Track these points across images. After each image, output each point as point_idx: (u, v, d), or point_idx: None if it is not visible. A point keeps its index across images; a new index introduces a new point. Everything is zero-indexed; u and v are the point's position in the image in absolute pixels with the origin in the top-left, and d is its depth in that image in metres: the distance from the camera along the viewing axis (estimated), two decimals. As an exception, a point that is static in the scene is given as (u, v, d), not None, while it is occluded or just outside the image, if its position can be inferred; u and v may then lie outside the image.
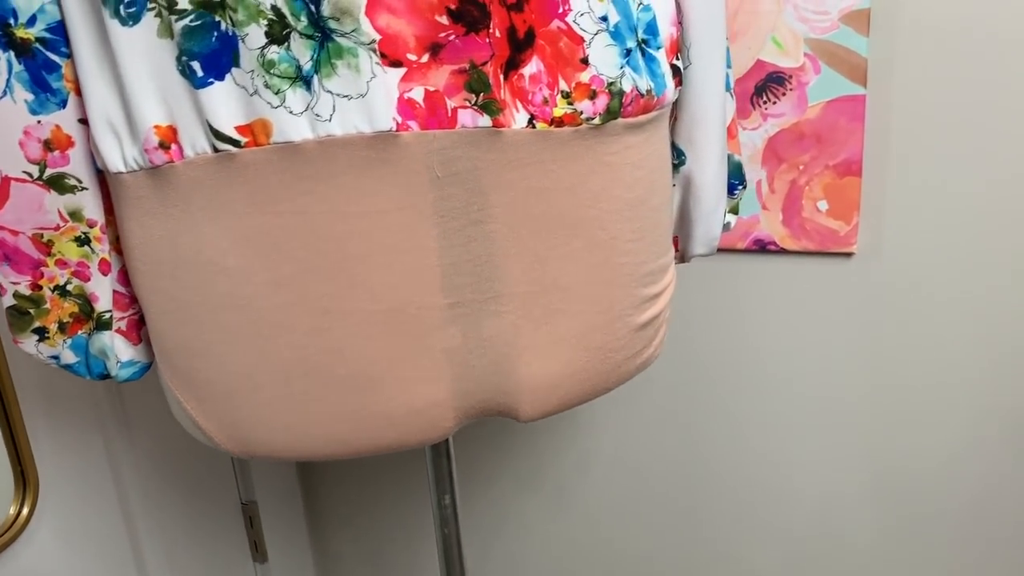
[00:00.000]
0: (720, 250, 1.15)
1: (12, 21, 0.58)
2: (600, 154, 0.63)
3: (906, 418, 1.14)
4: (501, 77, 0.59)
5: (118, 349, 0.69)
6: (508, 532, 1.39)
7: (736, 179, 0.82)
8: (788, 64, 1.06)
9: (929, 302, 1.08)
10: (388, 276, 0.60)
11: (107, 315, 0.67)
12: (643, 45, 0.66)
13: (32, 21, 0.59)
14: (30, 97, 0.60)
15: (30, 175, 0.61)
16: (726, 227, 0.82)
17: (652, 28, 0.67)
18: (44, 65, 0.60)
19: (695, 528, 1.28)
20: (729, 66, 0.78)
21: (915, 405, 1.13)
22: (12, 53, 0.58)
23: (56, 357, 0.68)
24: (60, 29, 0.59)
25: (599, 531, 1.34)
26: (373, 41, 0.56)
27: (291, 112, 0.56)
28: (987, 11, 0.96)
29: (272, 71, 0.55)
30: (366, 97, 0.56)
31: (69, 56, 0.59)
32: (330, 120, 0.56)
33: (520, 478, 1.34)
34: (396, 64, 0.57)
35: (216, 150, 0.57)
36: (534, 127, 0.61)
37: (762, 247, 1.13)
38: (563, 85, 0.61)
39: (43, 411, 1.00)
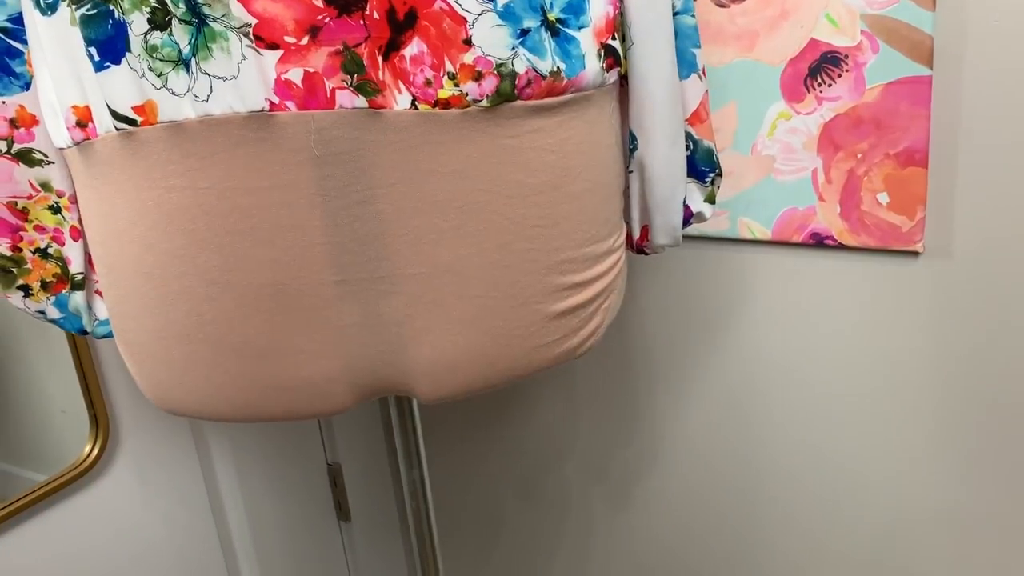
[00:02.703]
0: (776, 243, 1.08)
1: (-24, 13, 0.66)
2: (495, 137, 0.62)
3: (981, 435, 1.02)
4: (380, 58, 0.60)
5: (97, 308, 0.77)
6: (571, 526, 1.38)
7: (707, 166, 0.77)
8: (843, 43, 0.97)
9: (1005, 308, 0.96)
10: (271, 251, 0.63)
11: (79, 277, 0.75)
12: (558, 24, 0.64)
13: (-6, 13, 0.67)
14: (-6, 81, 0.68)
15: (0, 150, 0.70)
16: (699, 217, 0.77)
17: (574, 7, 0.64)
18: (6, 52, 0.68)
19: (752, 547, 1.21)
20: (697, 46, 0.73)
21: (991, 421, 1.00)
22: (-24, 42, 0.67)
23: (43, 312, 0.76)
24: (22, 19, 0.67)
25: (660, 536, 1.30)
26: (245, 25, 0.58)
27: (173, 93, 0.60)
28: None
29: (155, 55, 0.59)
30: (238, 79, 0.59)
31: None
32: (207, 101, 0.60)
33: (587, 467, 1.33)
34: (273, 47, 0.59)
35: (117, 129, 0.62)
36: (417, 108, 0.61)
37: (819, 241, 1.05)
38: (449, 66, 0.61)
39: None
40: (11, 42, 0.67)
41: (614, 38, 0.68)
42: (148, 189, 0.63)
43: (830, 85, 0.99)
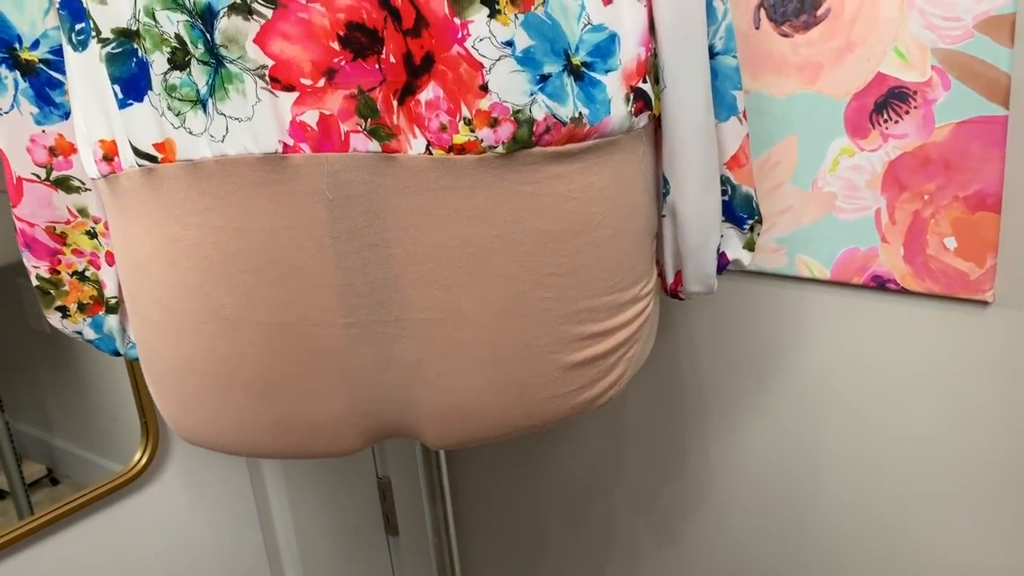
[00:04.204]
0: (834, 283, 1.03)
1: (17, 45, 0.68)
2: (512, 183, 0.61)
3: (1049, 506, 0.95)
4: (395, 103, 0.59)
5: (130, 331, 0.78)
6: (617, 555, 1.36)
7: (745, 212, 0.73)
8: (912, 78, 0.92)
9: (1080, 371, 0.89)
10: (282, 291, 0.62)
11: (113, 300, 0.76)
12: (583, 68, 0.62)
13: (35, 45, 0.68)
14: (35, 110, 0.70)
15: (38, 176, 0.72)
16: (737, 264, 0.74)
17: (603, 49, 0.62)
18: (47, 82, 0.69)
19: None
20: (738, 88, 0.70)
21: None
22: (18, 72, 0.68)
23: (79, 332, 0.78)
24: (62, 51, 0.69)
25: (707, 573, 1.26)
26: (261, 67, 0.58)
27: (191, 132, 0.60)
28: None
29: (174, 95, 0.60)
30: (252, 120, 0.59)
31: None
32: (223, 141, 0.60)
33: (634, 498, 1.30)
34: (289, 88, 0.59)
35: (139, 164, 0.63)
36: (431, 154, 0.60)
37: (881, 284, 0.99)
38: (465, 112, 0.59)
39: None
40: (52, 73, 0.69)
41: (645, 81, 0.65)
42: (167, 225, 0.63)
43: (897, 122, 0.93)
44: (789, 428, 1.12)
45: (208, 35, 0.58)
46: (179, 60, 0.59)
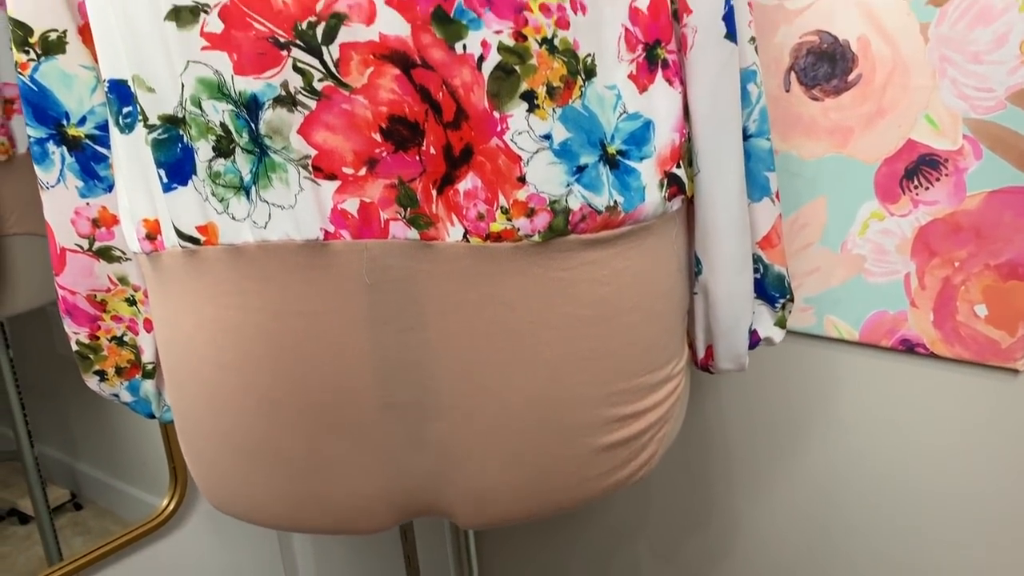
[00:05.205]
0: (863, 344, 1.03)
1: (65, 121, 0.70)
2: (547, 269, 0.61)
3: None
4: (434, 192, 0.60)
5: (166, 395, 0.80)
6: (639, 599, 1.35)
7: (777, 291, 0.74)
8: (944, 146, 0.92)
9: (1112, 443, 0.89)
10: (319, 373, 0.63)
11: (150, 366, 0.78)
12: (618, 156, 0.62)
13: (82, 121, 0.70)
14: (80, 184, 0.71)
15: (81, 247, 0.73)
16: (768, 341, 0.74)
17: (638, 137, 0.63)
18: (92, 157, 0.71)
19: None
20: (771, 169, 0.71)
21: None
22: (65, 148, 0.70)
23: (116, 395, 0.80)
24: (107, 126, 0.70)
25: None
26: (305, 157, 0.59)
27: (234, 218, 0.62)
28: None
29: (218, 181, 0.61)
30: (295, 208, 0.60)
31: None
32: (265, 227, 0.61)
33: (659, 548, 1.30)
34: (331, 177, 0.60)
35: (182, 246, 0.64)
36: (468, 241, 0.60)
37: (910, 348, 0.99)
38: (502, 201, 0.60)
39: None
40: (97, 148, 0.71)
41: (679, 166, 0.66)
42: (207, 305, 0.65)
43: (927, 188, 0.94)
44: (815, 486, 1.11)
45: (253, 125, 0.59)
46: (224, 148, 0.60)
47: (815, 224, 1.02)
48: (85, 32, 0.68)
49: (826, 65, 0.96)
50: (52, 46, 0.67)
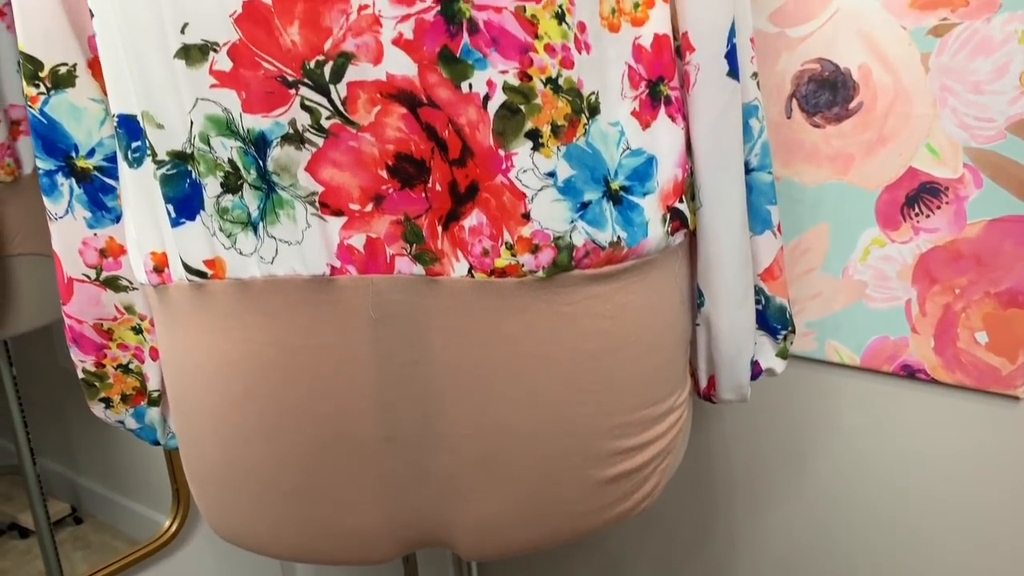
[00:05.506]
0: (864, 369, 1.03)
1: (74, 153, 0.70)
2: (551, 304, 0.62)
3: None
4: (439, 228, 0.60)
5: (171, 422, 0.80)
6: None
7: (779, 323, 0.74)
8: (944, 174, 0.92)
9: (1112, 471, 0.89)
10: (323, 405, 0.64)
11: (156, 394, 0.78)
12: (621, 192, 0.63)
13: (91, 153, 0.71)
14: (88, 214, 0.72)
15: (88, 277, 0.74)
16: (769, 372, 0.75)
17: (641, 173, 0.64)
18: (101, 188, 0.72)
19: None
20: (773, 202, 0.71)
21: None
22: (73, 179, 0.71)
23: (121, 422, 0.80)
24: (115, 158, 0.71)
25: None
26: (312, 194, 0.60)
27: (241, 253, 0.62)
28: None
29: (226, 217, 0.62)
30: (302, 244, 0.61)
31: None
32: (272, 262, 0.62)
33: (661, 568, 1.30)
34: (338, 213, 0.60)
35: (189, 279, 0.65)
36: (473, 276, 0.61)
37: (911, 374, 1.00)
38: (507, 237, 0.61)
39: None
40: (105, 179, 0.71)
41: (681, 200, 0.67)
42: (214, 337, 0.65)
43: (928, 216, 0.94)
44: (816, 509, 1.11)
45: (261, 162, 0.60)
46: (232, 184, 0.61)
47: (817, 249, 1.02)
48: (95, 65, 0.69)
49: (827, 93, 0.96)
50: (62, 79, 0.68)
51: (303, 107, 0.58)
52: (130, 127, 0.64)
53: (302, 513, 0.67)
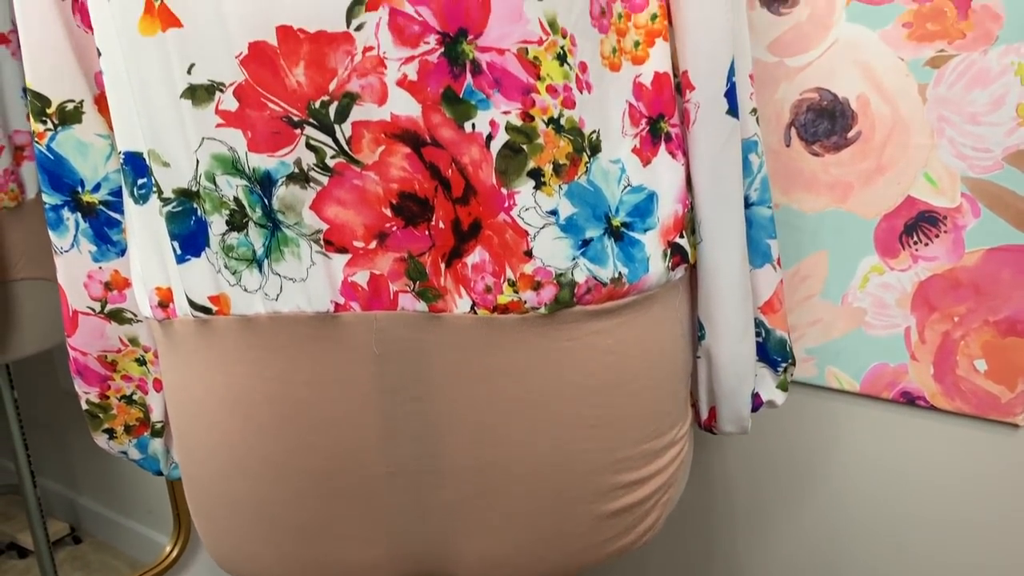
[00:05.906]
0: (864, 396, 1.04)
1: (80, 188, 0.71)
2: (553, 340, 0.63)
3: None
4: (443, 265, 0.61)
5: (174, 453, 0.80)
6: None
7: (779, 356, 0.75)
8: (942, 204, 0.93)
9: (1111, 499, 0.89)
10: (326, 441, 0.64)
11: (159, 425, 0.79)
12: (622, 228, 0.64)
13: (97, 188, 0.71)
14: (93, 248, 0.73)
15: (93, 309, 0.74)
16: (770, 404, 0.75)
17: (641, 209, 0.64)
18: (106, 222, 0.72)
19: None
20: (772, 237, 0.72)
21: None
22: (79, 214, 0.71)
23: (125, 452, 0.81)
24: (120, 191, 0.71)
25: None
26: (316, 232, 0.61)
27: (246, 290, 0.63)
28: None
29: (231, 254, 0.62)
30: (307, 282, 0.61)
31: None
32: (277, 299, 0.62)
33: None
34: (342, 250, 0.61)
35: (194, 315, 0.65)
36: (476, 313, 0.61)
37: (910, 400, 1.00)
38: (510, 274, 0.61)
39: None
40: (111, 213, 0.72)
41: (682, 235, 0.67)
42: (217, 372, 0.66)
43: (927, 244, 0.95)
44: (816, 536, 1.12)
45: (266, 200, 0.61)
46: (237, 222, 0.62)
47: (816, 277, 1.03)
48: (101, 101, 0.70)
49: (826, 122, 0.97)
50: (69, 116, 0.69)
51: (308, 147, 0.58)
52: (136, 164, 0.65)
53: (305, 548, 0.68)
